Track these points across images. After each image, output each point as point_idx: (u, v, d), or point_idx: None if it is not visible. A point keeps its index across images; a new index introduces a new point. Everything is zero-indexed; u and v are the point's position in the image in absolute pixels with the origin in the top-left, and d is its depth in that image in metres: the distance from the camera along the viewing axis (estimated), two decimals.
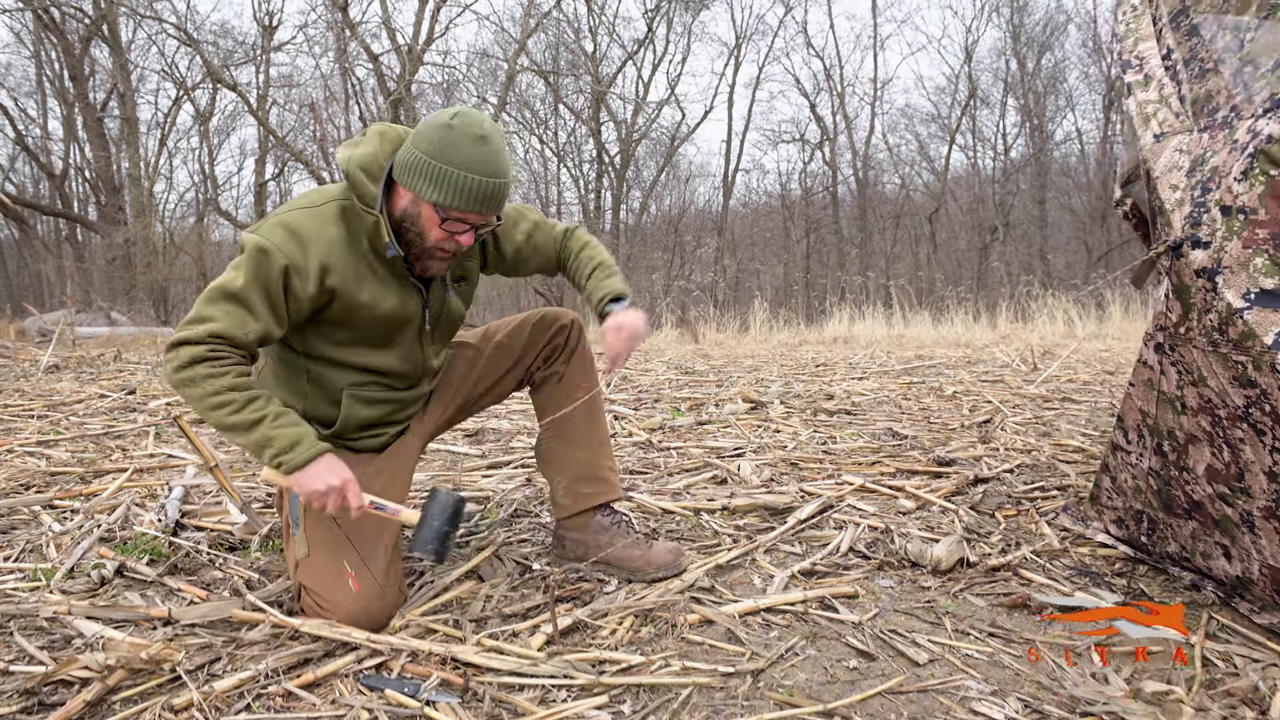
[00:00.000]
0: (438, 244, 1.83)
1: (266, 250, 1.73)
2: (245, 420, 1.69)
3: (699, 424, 4.12)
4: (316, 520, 1.84)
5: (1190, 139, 1.79)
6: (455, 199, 1.75)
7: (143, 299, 18.53)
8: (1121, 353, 8.31)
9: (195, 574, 2.13)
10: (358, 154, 1.83)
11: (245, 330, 1.72)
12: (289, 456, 1.69)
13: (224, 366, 1.69)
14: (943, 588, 2.08)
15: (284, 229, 1.76)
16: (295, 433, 1.71)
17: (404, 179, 1.79)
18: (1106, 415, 4.34)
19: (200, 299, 1.74)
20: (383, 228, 1.81)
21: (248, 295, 1.72)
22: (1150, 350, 1.92)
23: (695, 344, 12.40)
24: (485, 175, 1.75)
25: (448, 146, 1.73)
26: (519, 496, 2.77)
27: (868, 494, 2.83)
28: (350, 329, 1.89)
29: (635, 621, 1.85)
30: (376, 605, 1.79)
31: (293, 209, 1.80)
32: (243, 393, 1.70)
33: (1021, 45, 25.40)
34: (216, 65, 18.62)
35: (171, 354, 1.70)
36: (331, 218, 1.82)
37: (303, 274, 1.77)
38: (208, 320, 1.70)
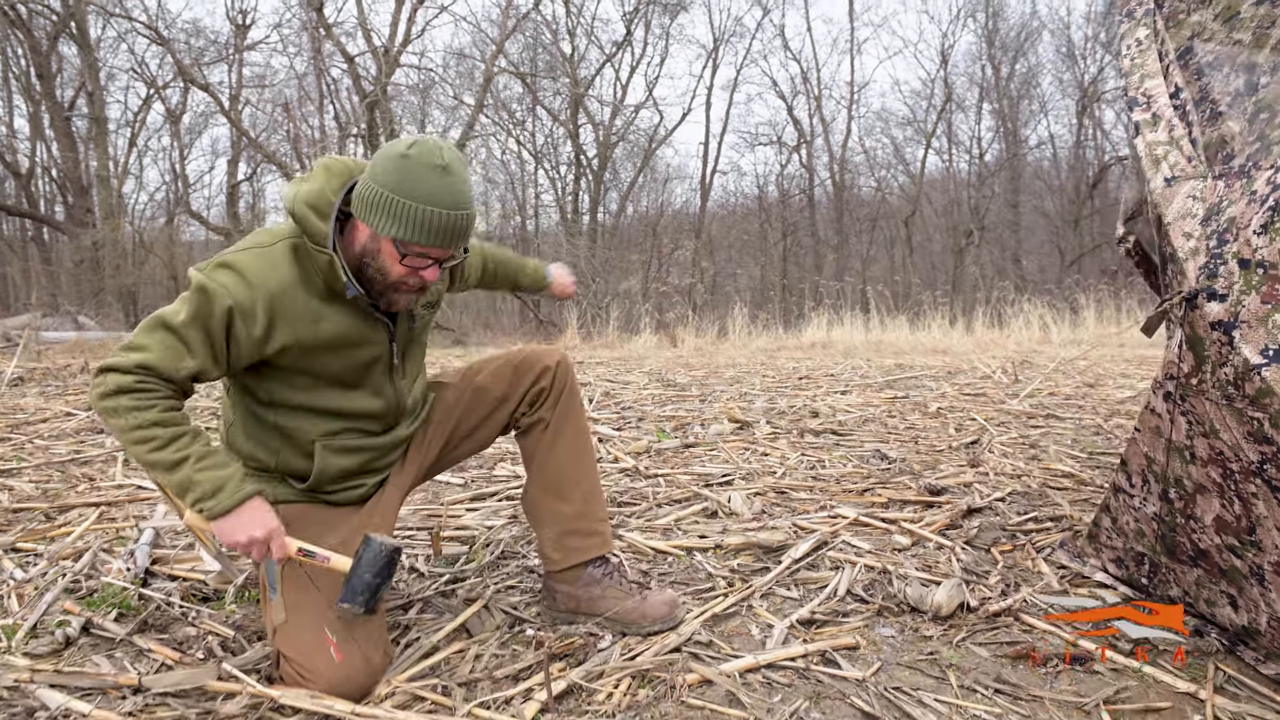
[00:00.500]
0: (400, 280, 1.74)
1: (209, 291, 1.65)
2: (167, 459, 1.62)
3: (685, 447, 4.06)
4: (295, 584, 1.76)
5: (1204, 186, 1.74)
6: (416, 234, 1.66)
7: (111, 302, 18.19)
8: (1099, 361, 8.35)
9: (167, 630, 2.02)
10: (303, 191, 1.74)
11: (178, 366, 1.65)
12: (211, 503, 1.63)
13: (150, 399, 1.62)
14: (945, 636, 2.03)
15: (229, 271, 1.68)
16: (219, 476, 1.64)
17: (361, 213, 1.70)
18: (1091, 435, 4.32)
19: (140, 326, 1.67)
20: (337, 267, 1.72)
21: (186, 332, 1.65)
22: (1159, 398, 1.88)
23: (674, 349, 12.36)
24: (447, 208, 1.65)
25: (406, 178, 1.63)
26: (505, 537, 2.69)
27: (861, 528, 2.77)
28: (312, 374, 1.81)
29: (632, 683, 1.78)
30: (361, 673, 1.70)
31: (241, 249, 1.72)
32: (167, 429, 1.63)
33: (996, 50, 25.59)
34: (187, 64, 18.32)
35: (99, 379, 1.63)
36: (282, 259, 1.73)
37: (248, 317, 1.69)
38: (141, 349, 1.64)
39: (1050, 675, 1.86)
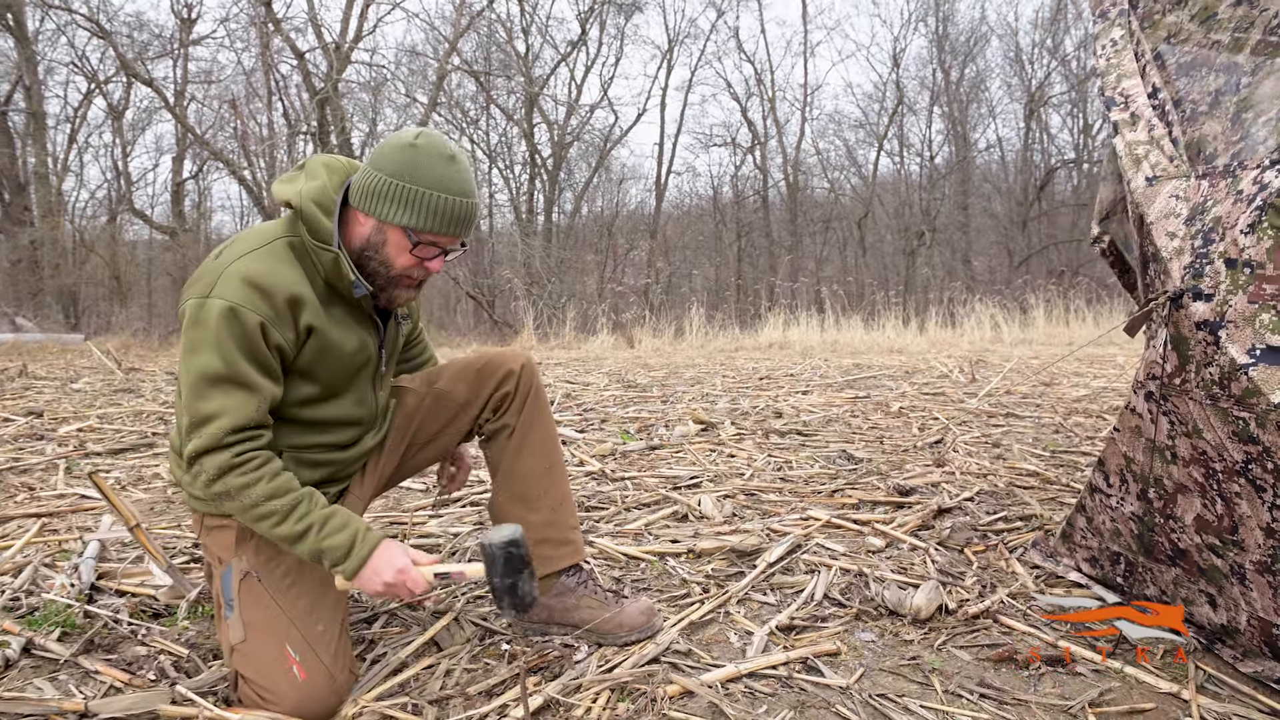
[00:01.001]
0: (405, 272, 1.70)
1: (236, 312, 1.55)
2: (292, 533, 1.58)
3: (650, 449, 4.00)
4: (252, 599, 1.66)
5: (1188, 185, 1.73)
6: (428, 221, 1.63)
7: (50, 303, 17.61)
8: (1052, 361, 8.48)
9: (115, 650, 1.91)
10: (308, 188, 1.66)
11: (257, 410, 1.58)
12: (346, 565, 1.60)
13: (256, 470, 1.57)
14: (925, 640, 2.00)
15: (242, 282, 1.57)
16: (345, 538, 1.60)
17: (366, 204, 1.66)
18: (1051, 433, 4.36)
19: (187, 396, 1.57)
20: (343, 264, 1.66)
21: (239, 370, 1.56)
22: (1140, 398, 1.86)
23: (631, 349, 12.31)
24: (458, 195, 1.65)
25: (417, 167, 1.62)
26: (471, 545, 2.60)
27: (834, 530, 2.74)
28: (314, 380, 1.72)
29: (611, 696, 1.71)
30: (325, 693, 1.61)
31: (240, 256, 1.61)
32: (282, 499, 1.58)
33: (946, 55, 25.96)
34: (130, 59, 17.79)
35: (195, 468, 1.57)
36: (283, 256, 1.65)
37: (281, 324, 1.61)
38: (214, 418, 1.55)
39: (1034, 678, 1.83)
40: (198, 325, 1.55)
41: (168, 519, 2.88)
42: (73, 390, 6.50)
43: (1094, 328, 13.40)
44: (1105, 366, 7.82)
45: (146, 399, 5.91)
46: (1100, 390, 6.03)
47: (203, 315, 1.55)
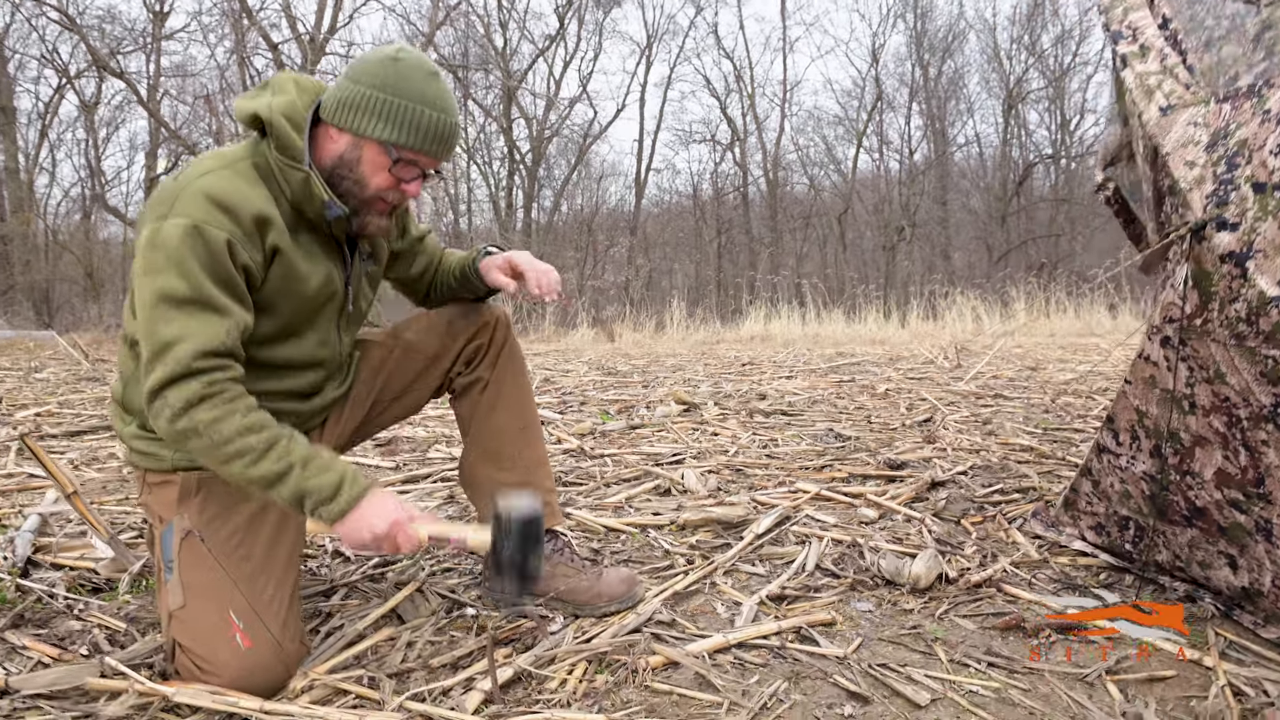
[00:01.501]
0: (380, 193, 1.56)
1: (200, 229, 1.39)
2: (271, 472, 1.39)
3: (631, 428, 3.86)
4: (193, 560, 1.50)
5: (1207, 111, 1.60)
6: (411, 136, 1.51)
7: (21, 300, 17.25)
8: (1033, 349, 8.41)
9: (47, 625, 1.74)
10: (277, 102, 1.52)
11: (227, 335, 1.41)
12: (331, 507, 1.41)
13: (229, 403, 1.39)
14: (926, 609, 1.87)
15: (206, 199, 1.42)
16: (332, 478, 1.42)
17: (342, 118, 1.52)
18: (1041, 413, 4.26)
19: (145, 324, 1.39)
20: (314, 183, 1.52)
21: (202, 291, 1.39)
22: (1155, 345, 1.74)
23: (612, 343, 12.15)
24: (441, 112, 1.53)
25: (400, 80, 1.49)
26: (442, 516, 2.45)
27: (824, 502, 2.61)
28: (274, 314, 1.56)
29: (589, 668, 1.57)
30: (272, 664, 1.46)
31: (203, 174, 1.46)
32: (259, 435, 1.40)
33: (924, 51, 25.98)
34: (103, 53, 17.43)
35: (158, 402, 1.39)
36: (247, 176, 1.50)
37: (248, 242, 1.46)
38: (177, 342, 1.38)
39: (1044, 646, 1.71)
40: (156, 247, 1.39)
41: (119, 497, 2.70)
42: (36, 379, 6.27)
43: (1075, 319, 13.40)
44: (1089, 353, 7.76)
45: (110, 385, 5.70)
46: (1087, 373, 5.95)
47: (162, 237, 1.39)
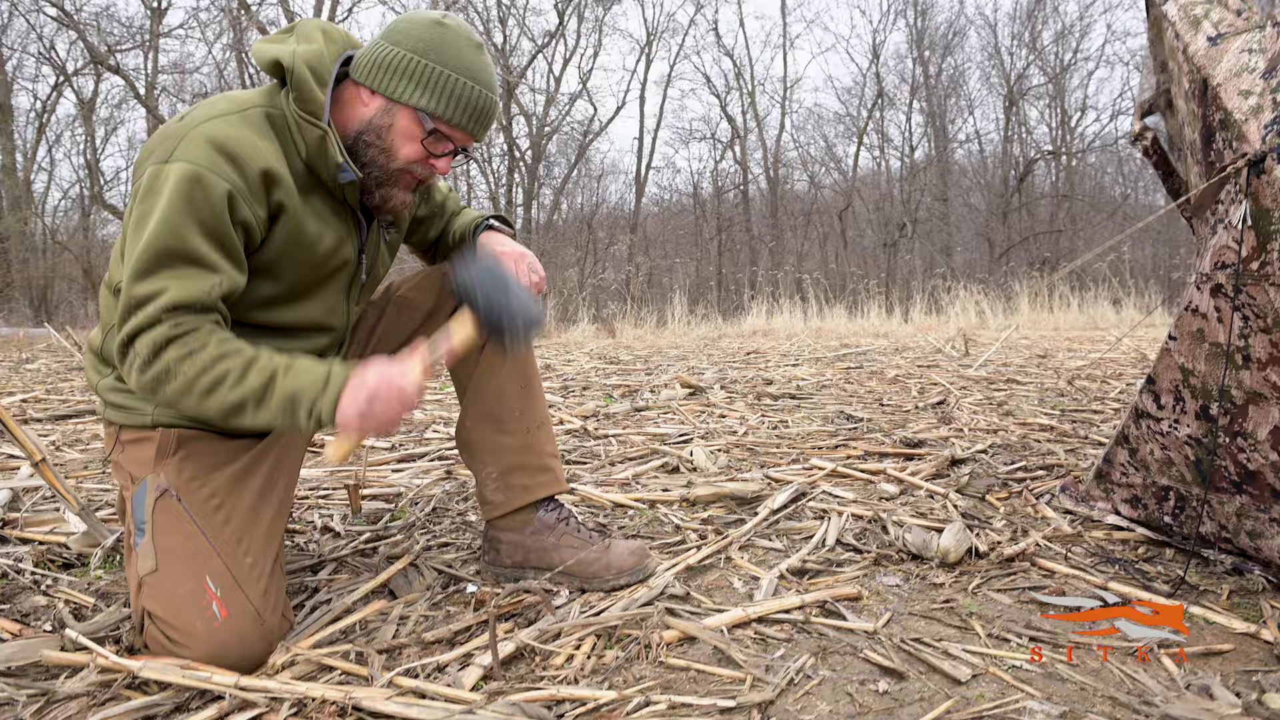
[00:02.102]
0: (407, 166, 1.44)
1: (199, 177, 1.27)
2: (255, 387, 1.27)
3: (636, 410, 3.73)
4: (168, 521, 1.37)
5: (1263, 36, 1.48)
6: (450, 108, 1.39)
7: (19, 298, 17.14)
8: (1039, 341, 8.29)
9: (11, 601, 1.61)
10: (303, 51, 1.38)
11: (207, 293, 1.28)
12: (323, 399, 1.28)
13: (197, 338, 1.27)
14: (957, 584, 1.74)
15: (210, 145, 1.29)
16: (319, 371, 1.30)
17: (377, 79, 1.40)
18: (1057, 396, 4.13)
19: (131, 272, 1.27)
20: (331, 143, 1.39)
21: (192, 246, 1.27)
22: (1204, 295, 1.61)
23: (612, 338, 12.02)
24: (484, 87, 1.41)
25: (444, 47, 1.38)
26: (437, 492, 2.32)
27: (841, 479, 2.48)
28: (278, 278, 1.44)
29: (597, 643, 1.44)
30: (250, 637, 1.33)
31: (211, 118, 1.32)
32: (236, 358, 1.27)
33: (925, 48, 25.86)
34: (100, 50, 17.32)
35: (126, 355, 1.28)
36: (259, 126, 1.37)
37: (251, 198, 1.33)
38: (153, 297, 1.26)
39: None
40: (152, 192, 1.28)
41: (99, 478, 2.57)
42: (26, 370, 6.15)
43: (1079, 314, 13.28)
44: (1097, 344, 7.64)
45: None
46: (1099, 360, 5.82)
47: (160, 181, 1.27)
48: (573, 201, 26.26)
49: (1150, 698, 1.29)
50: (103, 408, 1.48)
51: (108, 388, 1.46)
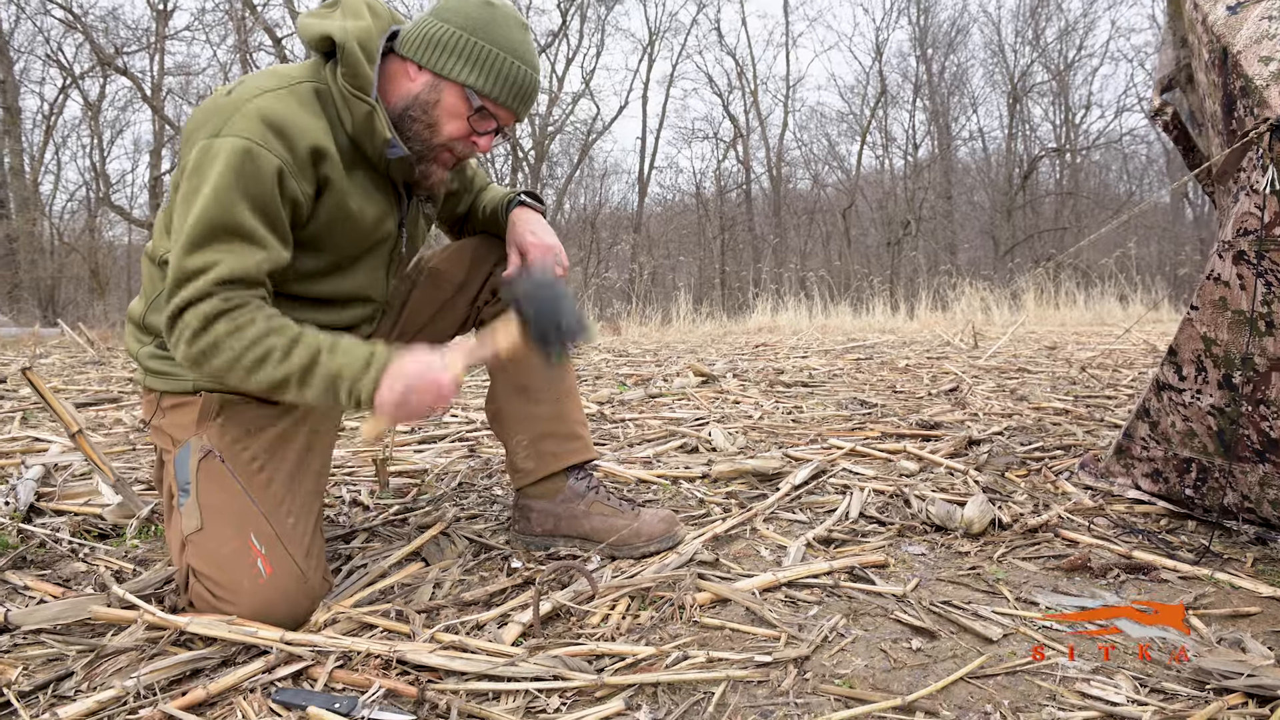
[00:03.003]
0: (449, 142, 1.46)
1: (251, 152, 1.28)
2: (299, 365, 1.28)
3: (650, 397, 3.75)
4: (213, 481, 1.39)
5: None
6: (497, 85, 1.41)
7: (27, 298, 17.19)
8: (1045, 336, 8.29)
9: (50, 567, 1.64)
10: (354, 27, 1.40)
11: (257, 268, 1.30)
12: (363, 382, 1.29)
13: (248, 313, 1.28)
14: (982, 552, 1.76)
15: (261, 120, 1.30)
16: (361, 352, 1.31)
17: (425, 56, 1.42)
18: (1069, 384, 4.14)
19: (182, 245, 1.28)
20: (378, 119, 1.40)
21: (241, 221, 1.29)
22: (1226, 263, 1.63)
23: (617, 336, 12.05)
24: (530, 67, 1.44)
25: (493, 26, 1.40)
26: (462, 469, 2.34)
27: (860, 458, 2.50)
28: (322, 251, 1.46)
29: (631, 604, 1.46)
30: (295, 594, 1.35)
31: (261, 92, 1.34)
32: (282, 336, 1.29)
33: (928, 46, 25.86)
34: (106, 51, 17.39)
35: (178, 326, 1.29)
36: (307, 101, 1.39)
37: (301, 174, 1.35)
38: (205, 270, 1.27)
39: (1114, 585, 1.60)
40: (203, 167, 1.29)
41: (125, 461, 2.60)
42: (41, 364, 6.17)
43: (1085, 310, 13.28)
44: (1105, 338, 7.65)
45: (116, 369, 5.61)
46: (1109, 351, 5.83)
47: (211, 155, 1.29)
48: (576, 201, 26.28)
49: (1185, 653, 1.31)
50: (143, 375, 1.50)
51: (148, 355, 1.48)
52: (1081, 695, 1.19)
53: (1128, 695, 1.18)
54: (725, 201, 26.72)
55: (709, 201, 27.01)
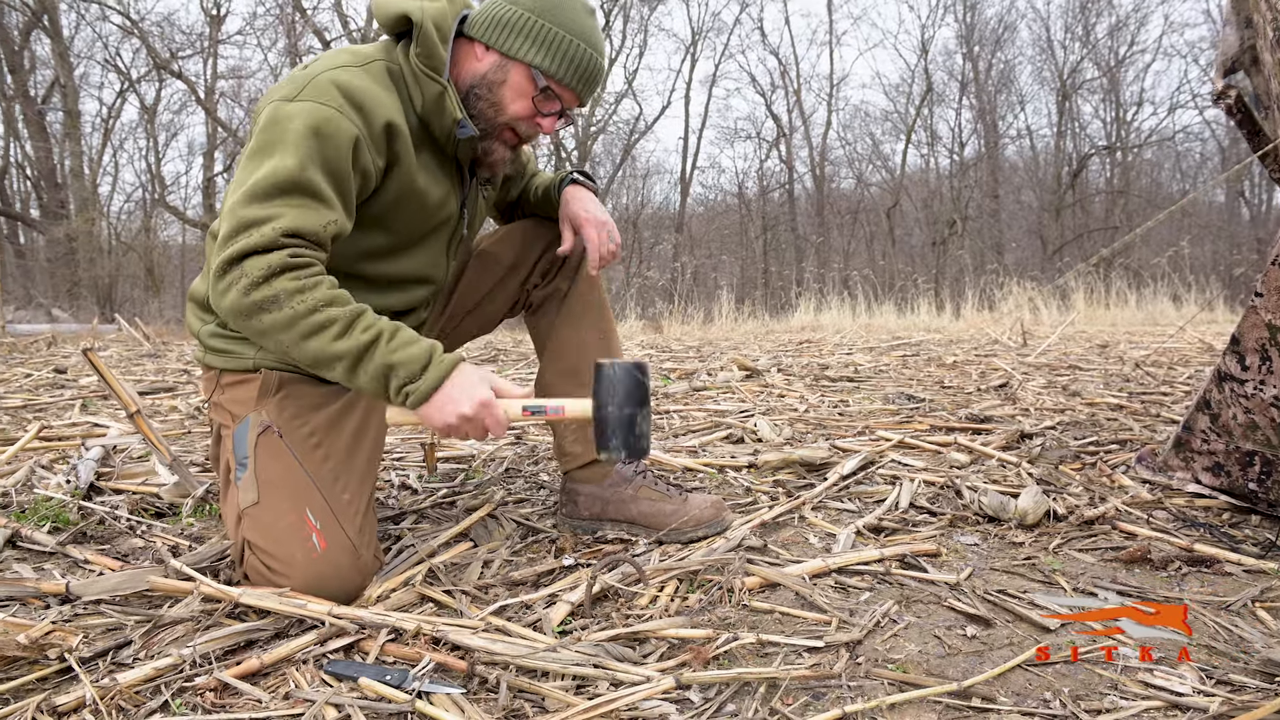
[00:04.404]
0: (512, 122, 1.47)
1: (329, 118, 1.30)
2: (356, 344, 1.26)
3: (694, 390, 3.73)
4: (271, 455, 1.41)
5: None
6: (563, 67, 1.43)
7: (86, 296, 17.68)
8: (1096, 335, 8.12)
9: (110, 543, 1.68)
10: (431, 8, 1.42)
11: (324, 225, 1.30)
12: (420, 383, 1.28)
13: (312, 276, 1.27)
14: (1037, 543, 1.72)
15: (338, 89, 1.32)
16: (420, 350, 1.29)
17: (493, 36, 1.44)
18: (1123, 381, 4.05)
19: (246, 194, 1.27)
20: (450, 99, 1.42)
21: (313, 180, 1.29)
22: None
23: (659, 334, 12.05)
24: (596, 50, 1.45)
25: (561, 9, 1.42)
26: (509, 454, 2.35)
27: (909, 449, 2.46)
28: (386, 230, 1.47)
29: (680, 586, 1.45)
30: (347, 569, 1.37)
31: (337, 66, 1.36)
32: (344, 307, 1.27)
33: (975, 43, 25.48)
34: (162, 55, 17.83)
35: (234, 272, 1.25)
36: (381, 79, 1.40)
37: (374, 147, 1.37)
38: (273, 217, 1.26)
39: (1175, 578, 1.56)
40: (276, 124, 1.29)
41: (181, 445, 2.65)
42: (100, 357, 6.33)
43: (1136, 310, 13.00)
44: (1158, 337, 7.47)
45: (171, 361, 5.74)
46: (1163, 349, 5.69)
47: (285, 115, 1.29)
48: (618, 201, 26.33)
49: (1248, 645, 1.27)
50: (203, 353, 1.53)
51: (210, 334, 1.51)
52: (1144, 685, 1.16)
53: (1193, 686, 1.15)
54: (768, 201, 26.59)
55: (751, 201, 26.90)
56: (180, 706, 1.08)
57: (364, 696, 1.10)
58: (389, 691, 1.10)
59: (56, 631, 1.15)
